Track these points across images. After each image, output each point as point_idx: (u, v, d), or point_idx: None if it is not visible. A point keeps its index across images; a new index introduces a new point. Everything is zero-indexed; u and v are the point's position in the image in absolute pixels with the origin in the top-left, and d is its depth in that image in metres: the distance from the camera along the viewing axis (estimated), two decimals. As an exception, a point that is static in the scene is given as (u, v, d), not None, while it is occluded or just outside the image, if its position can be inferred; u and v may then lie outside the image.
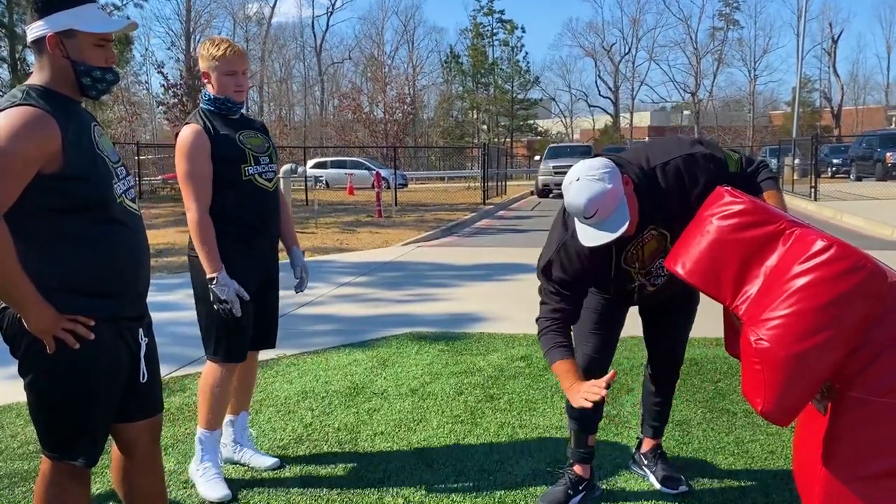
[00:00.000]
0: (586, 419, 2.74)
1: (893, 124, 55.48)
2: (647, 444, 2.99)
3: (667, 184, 2.36)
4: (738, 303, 2.02)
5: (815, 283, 1.82)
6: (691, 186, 2.34)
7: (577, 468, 2.81)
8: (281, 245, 3.15)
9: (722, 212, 2.08)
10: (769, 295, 1.90)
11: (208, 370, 2.94)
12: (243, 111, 3.02)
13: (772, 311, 1.86)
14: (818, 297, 1.81)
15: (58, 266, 1.89)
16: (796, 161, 22.85)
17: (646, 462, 2.97)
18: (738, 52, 62.81)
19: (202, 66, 2.89)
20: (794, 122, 30.96)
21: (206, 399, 2.94)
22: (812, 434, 2.08)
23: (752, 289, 1.99)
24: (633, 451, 3.10)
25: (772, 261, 1.96)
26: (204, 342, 2.93)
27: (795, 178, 21.45)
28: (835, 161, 28.24)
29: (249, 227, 2.89)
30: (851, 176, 25.90)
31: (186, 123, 2.88)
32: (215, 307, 2.80)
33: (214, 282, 2.75)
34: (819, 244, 1.84)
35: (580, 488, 2.78)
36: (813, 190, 17.56)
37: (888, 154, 23.23)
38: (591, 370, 2.66)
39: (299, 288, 3.17)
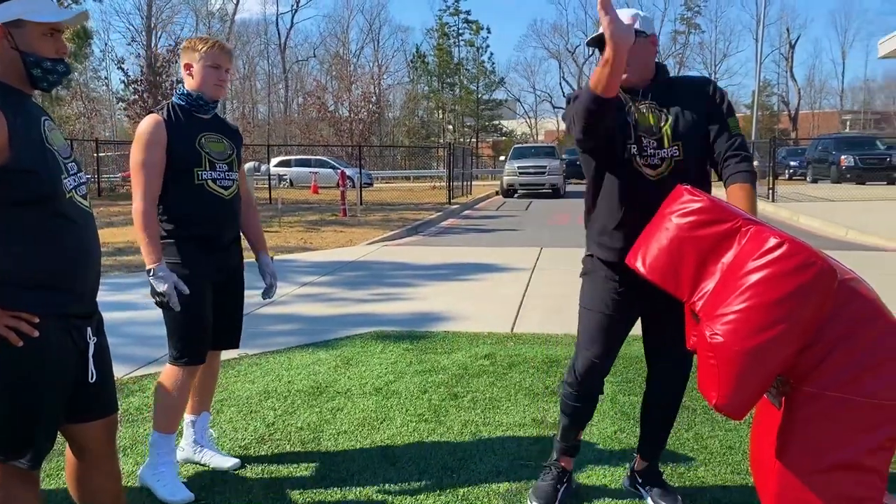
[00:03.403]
0: (579, 416, 2.74)
1: (848, 128, 56.99)
2: (642, 463, 2.86)
3: (682, 82, 2.60)
4: (695, 299, 2.05)
5: (768, 279, 1.86)
6: (705, 91, 2.55)
7: (562, 461, 2.82)
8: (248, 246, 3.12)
9: (681, 209, 2.12)
10: (725, 291, 1.94)
11: (168, 372, 2.90)
12: (217, 112, 2.99)
13: (726, 306, 1.90)
14: (771, 293, 1.85)
15: (2, 260, 1.85)
16: (755, 163, 23.30)
17: (640, 480, 2.86)
18: (700, 56, 64.39)
19: (185, 58, 2.88)
20: (754, 125, 31.60)
21: (163, 402, 2.90)
22: (768, 429, 2.13)
23: (709, 285, 2.03)
24: (628, 469, 2.96)
25: (728, 258, 2.00)
26: (169, 344, 2.89)
27: (754, 179, 21.88)
28: (792, 163, 28.92)
29: (202, 230, 2.86)
30: (808, 178, 26.52)
31: (150, 112, 2.87)
32: (154, 299, 2.78)
33: (152, 273, 2.73)
34: (772, 241, 1.88)
35: (564, 480, 2.81)
36: (771, 191, 17.95)
37: (842, 157, 23.85)
38: (592, 374, 2.64)
39: (268, 294, 3.14)
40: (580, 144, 2.52)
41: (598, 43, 2.41)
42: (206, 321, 2.88)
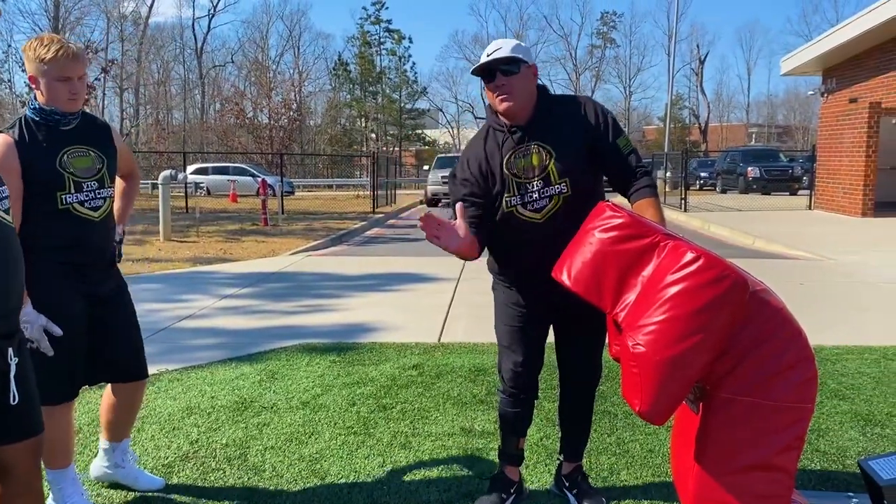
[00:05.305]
0: (517, 422, 2.79)
1: (753, 141, 60.02)
2: (568, 467, 2.94)
3: (561, 107, 2.60)
4: (618, 310, 2.14)
5: (686, 291, 1.96)
6: (585, 116, 2.56)
7: (507, 471, 2.86)
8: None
9: (603, 225, 2.21)
10: (645, 303, 2.03)
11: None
12: (85, 112, 2.67)
13: (647, 317, 1.99)
14: (688, 305, 1.95)
15: None
16: (668, 174, 24.26)
17: (567, 484, 2.93)
18: (615, 70, 66.50)
19: (28, 69, 2.50)
20: (666, 137, 32.77)
21: (45, 444, 2.64)
22: (686, 433, 2.23)
23: (631, 297, 2.12)
24: (555, 473, 3.04)
25: (648, 271, 2.09)
26: None
27: (667, 189, 22.75)
28: (702, 174, 30.19)
29: (69, 258, 2.58)
30: (717, 189, 27.73)
31: (1, 132, 2.51)
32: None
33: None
34: (689, 255, 1.99)
35: (511, 491, 2.84)
36: (683, 202, 18.67)
37: (749, 169, 25.08)
38: (518, 380, 2.71)
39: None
40: None
41: (480, 72, 2.55)
42: (74, 355, 2.60)
